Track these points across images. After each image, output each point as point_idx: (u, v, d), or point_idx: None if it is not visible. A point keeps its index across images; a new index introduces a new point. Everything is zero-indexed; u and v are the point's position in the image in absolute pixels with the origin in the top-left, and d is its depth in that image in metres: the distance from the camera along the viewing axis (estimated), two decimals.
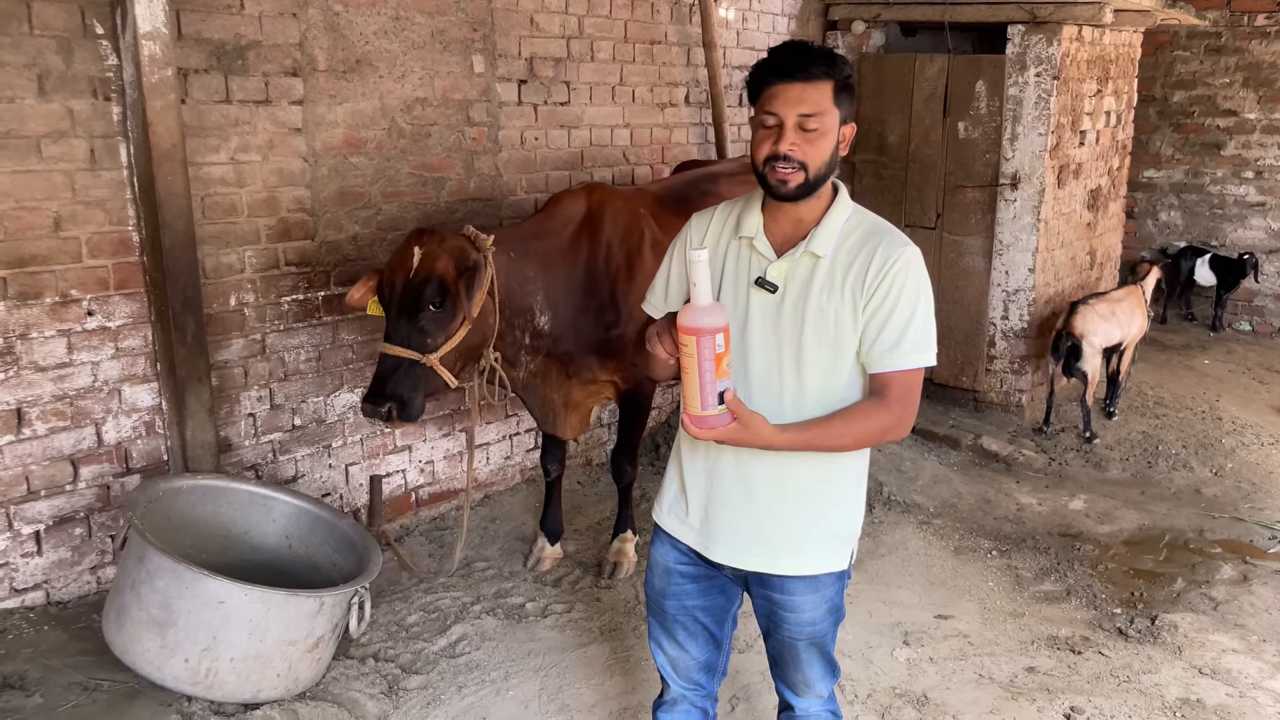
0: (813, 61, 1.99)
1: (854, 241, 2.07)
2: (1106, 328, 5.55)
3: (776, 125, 2.00)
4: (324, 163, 3.79)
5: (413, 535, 4.26)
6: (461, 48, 4.16)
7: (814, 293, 2.05)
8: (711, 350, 1.89)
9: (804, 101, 1.98)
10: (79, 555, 3.40)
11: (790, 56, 2.01)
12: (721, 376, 1.90)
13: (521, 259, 3.48)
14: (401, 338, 3.11)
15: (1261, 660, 3.50)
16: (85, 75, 3.17)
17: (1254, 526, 4.63)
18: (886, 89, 5.92)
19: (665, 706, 2.45)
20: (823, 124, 2.00)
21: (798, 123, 1.99)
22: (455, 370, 3.22)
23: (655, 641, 2.40)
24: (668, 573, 2.31)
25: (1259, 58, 7.74)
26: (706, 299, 1.91)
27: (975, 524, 4.62)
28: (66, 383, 3.29)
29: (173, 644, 2.79)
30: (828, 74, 1.99)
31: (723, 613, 2.35)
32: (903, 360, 2.04)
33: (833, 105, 2.01)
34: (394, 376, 3.10)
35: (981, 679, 3.37)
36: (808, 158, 2.00)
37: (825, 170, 2.04)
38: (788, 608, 2.21)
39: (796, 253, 2.08)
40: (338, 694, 3.10)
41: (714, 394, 1.91)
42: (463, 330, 3.16)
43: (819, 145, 2.01)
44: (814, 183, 2.03)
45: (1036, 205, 5.55)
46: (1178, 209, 8.24)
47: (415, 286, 3.10)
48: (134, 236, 3.35)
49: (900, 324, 2.03)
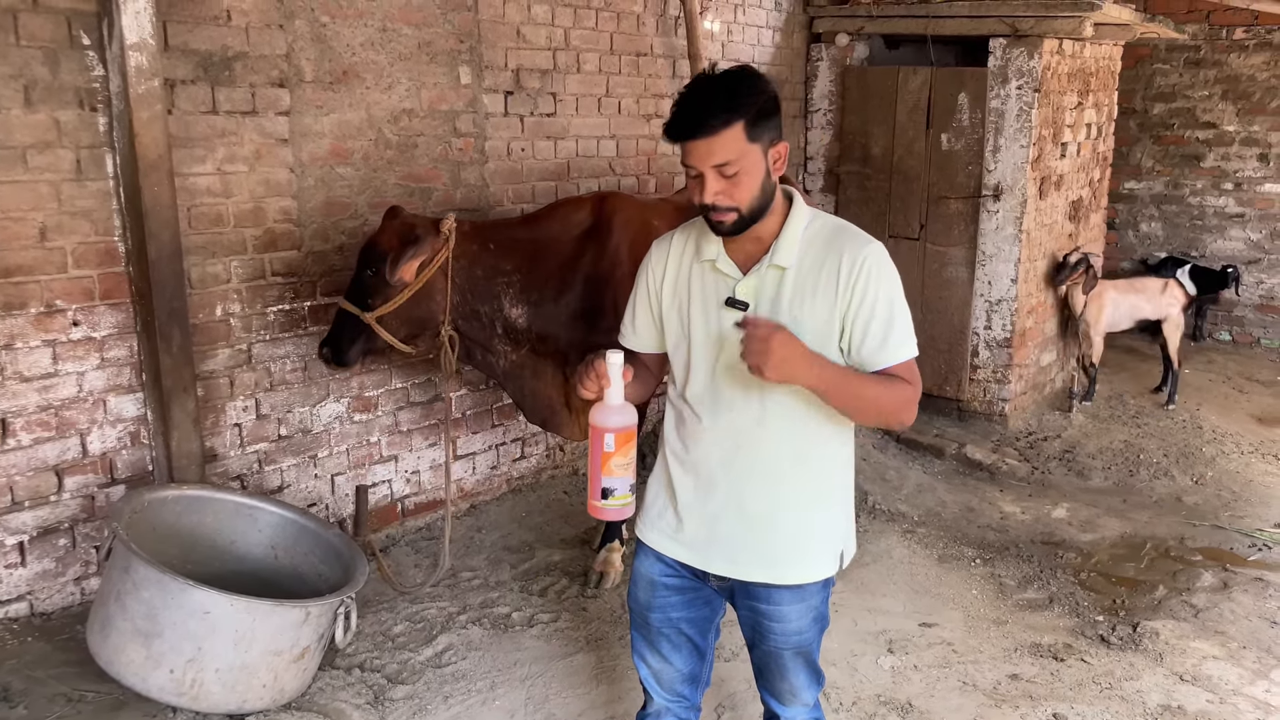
0: (712, 114, 1.93)
1: (818, 248, 2.07)
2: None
3: (698, 176, 1.99)
4: (311, 173, 3.80)
5: (399, 545, 4.25)
6: (448, 59, 4.18)
7: (785, 304, 2.06)
8: (600, 449, 2.00)
9: (714, 154, 1.95)
10: (63, 566, 3.39)
11: (689, 114, 1.95)
12: (608, 474, 2.01)
13: (500, 252, 3.63)
14: (351, 295, 3.51)
15: (1242, 667, 3.54)
16: (72, 86, 3.17)
17: (1234, 534, 4.68)
18: (870, 101, 5.97)
19: (649, 719, 2.45)
20: (742, 165, 1.96)
21: (717, 173, 1.97)
22: (400, 335, 3.53)
23: (638, 654, 2.39)
24: (652, 585, 2.31)
25: (1237, 71, 7.84)
26: (615, 400, 2.01)
27: (959, 532, 4.65)
28: (51, 393, 3.28)
29: (158, 655, 2.78)
30: (731, 118, 1.93)
31: (706, 623, 2.36)
32: (893, 355, 2.07)
33: (748, 144, 1.96)
34: (340, 327, 3.53)
35: (965, 686, 3.39)
36: (736, 200, 1.99)
37: (760, 202, 2.02)
38: (774, 618, 2.22)
39: (762, 268, 2.08)
40: (323, 704, 3.09)
41: (599, 488, 2.02)
42: (401, 298, 3.45)
43: (744, 185, 1.98)
44: (751, 218, 2.03)
45: (1019, 216, 5.61)
46: (1158, 220, 8.33)
47: (363, 252, 3.51)
48: (120, 247, 3.35)
49: (883, 323, 2.05)
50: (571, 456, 5.06)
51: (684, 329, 2.19)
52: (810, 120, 6.28)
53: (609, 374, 1.99)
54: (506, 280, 3.65)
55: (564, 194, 4.67)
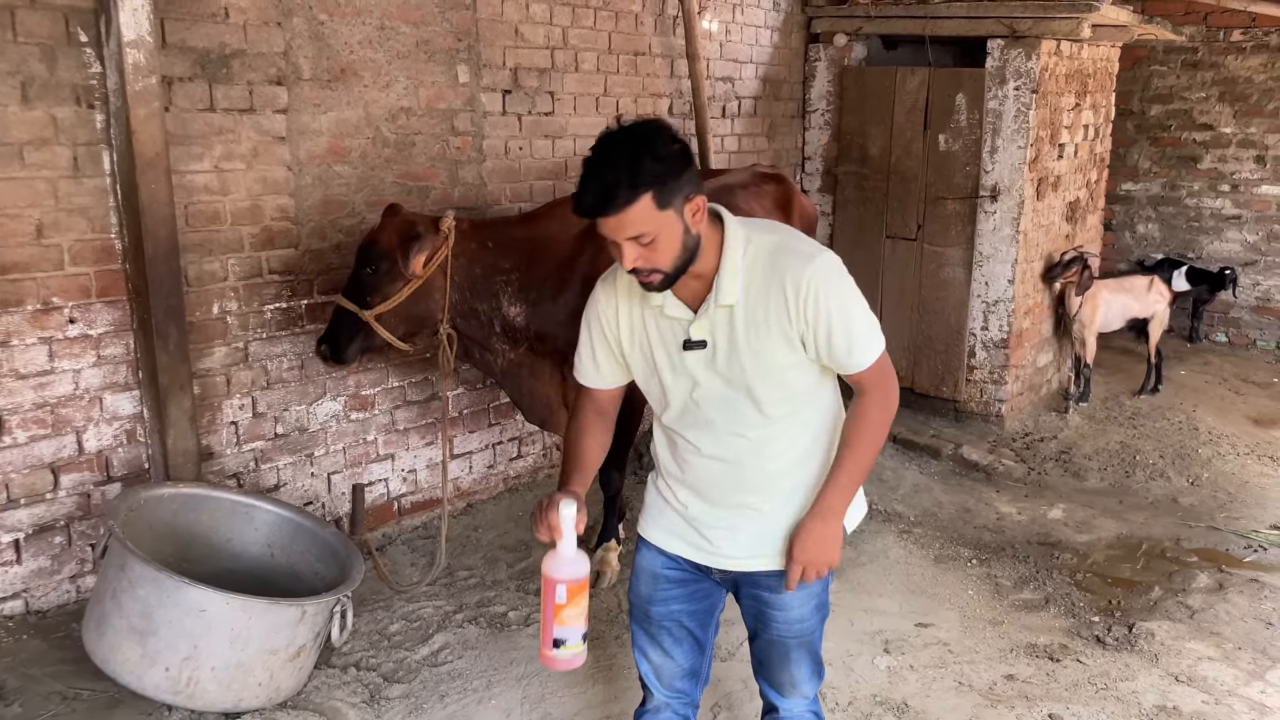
0: (617, 191, 1.87)
1: (760, 275, 2.04)
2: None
3: (615, 244, 1.96)
4: (308, 171, 3.79)
5: (395, 544, 4.25)
6: (446, 57, 4.18)
7: (741, 340, 2.06)
8: (552, 600, 1.99)
9: (624, 228, 1.91)
10: (59, 564, 3.38)
11: (594, 191, 1.89)
12: (560, 624, 2.00)
13: (499, 250, 3.64)
14: (349, 293, 3.50)
15: (1237, 668, 3.54)
16: (69, 83, 3.16)
17: (1230, 535, 4.68)
18: (868, 101, 5.97)
19: (648, 715, 2.45)
20: (655, 231, 1.92)
21: (633, 243, 1.94)
22: (398, 333, 3.53)
23: (639, 649, 2.40)
24: (654, 578, 2.32)
25: (1235, 72, 7.85)
26: (568, 550, 1.99)
27: (955, 533, 4.65)
28: (47, 390, 3.27)
29: (153, 653, 2.78)
30: (635, 193, 1.88)
31: (707, 616, 2.37)
32: (862, 360, 2.09)
33: (658, 212, 1.91)
34: (338, 324, 3.52)
35: (961, 687, 3.40)
36: (657, 263, 1.97)
37: (683, 258, 1.99)
38: (778, 606, 2.24)
39: (710, 308, 2.06)
40: (319, 703, 3.09)
41: (551, 638, 2.01)
42: (400, 295, 3.45)
43: (661, 249, 1.95)
44: (675, 274, 2.00)
45: (1016, 217, 5.61)
46: (1155, 221, 8.34)
47: (362, 250, 3.50)
48: (116, 244, 3.34)
49: (844, 332, 2.05)
50: None
51: (651, 368, 2.19)
52: (808, 120, 6.29)
53: (561, 526, 1.99)
54: (505, 279, 3.65)
55: (561, 193, 4.67)
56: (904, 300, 6.03)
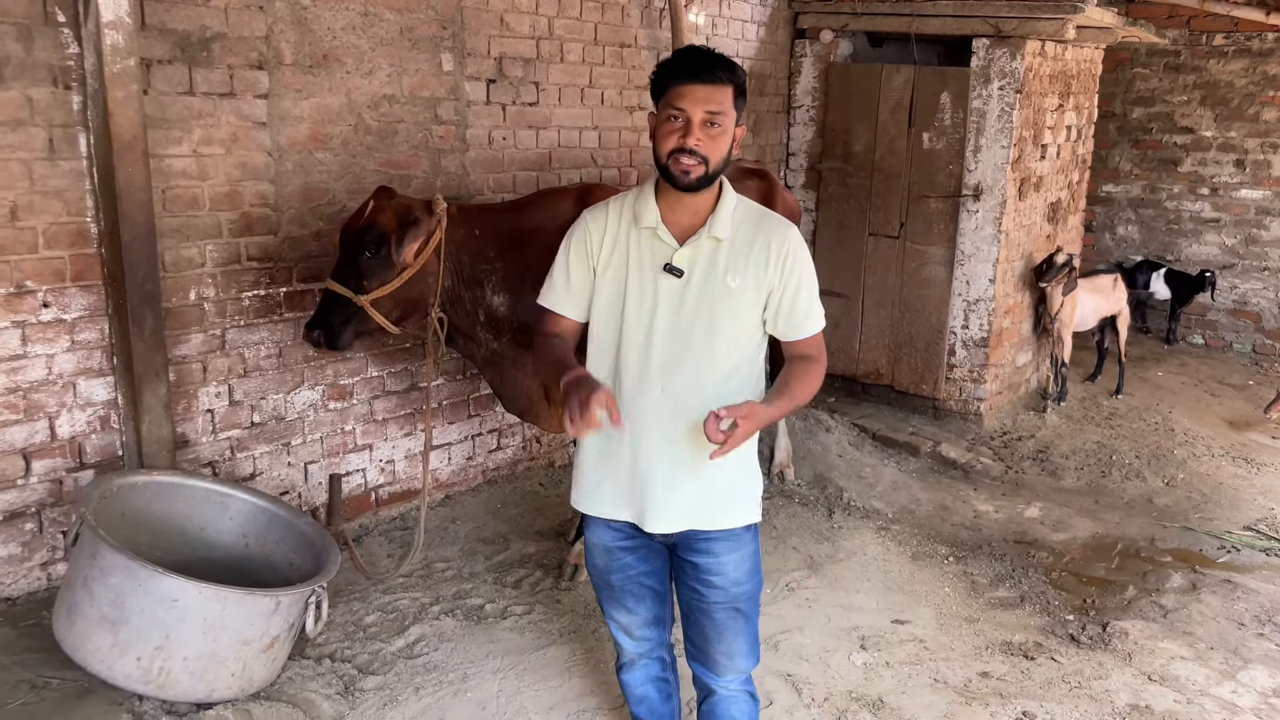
0: (717, 66, 2.18)
1: (748, 226, 2.31)
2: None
3: (683, 122, 2.17)
4: (288, 158, 3.75)
5: (372, 535, 4.23)
6: (430, 45, 4.15)
7: (720, 273, 2.27)
8: None
9: (710, 101, 2.17)
10: (29, 551, 3.34)
11: (698, 59, 2.19)
12: None
13: (485, 238, 3.62)
14: (341, 277, 3.41)
15: (1209, 667, 3.57)
16: (45, 63, 3.11)
17: (1204, 536, 4.73)
18: (853, 98, 5.98)
19: (626, 668, 2.63)
20: (724, 123, 2.20)
21: (703, 120, 2.17)
22: (391, 318, 3.47)
23: (608, 615, 2.57)
24: (607, 551, 2.48)
25: (1216, 76, 7.91)
26: None
27: (933, 530, 4.67)
28: (19, 375, 3.22)
29: (125, 642, 2.75)
30: (729, 79, 2.19)
31: (663, 571, 2.53)
32: (812, 328, 2.35)
33: (732, 107, 2.20)
34: (329, 310, 3.43)
35: (937, 683, 3.41)
36: (710, 152, 2.19)
37: (722, 165, 2.24)
38: (714, 570, 2.38)
39: (699, 239, 2.27)
40: (293, 694, 3.07)
41: None
42: (397, 280, 3.40)
43: (720, 142, 2.20)
44: (712, 176, 2.22)
45: (998, 217, 5.63)
46: (1135, 223, 8.40)
47: (357, 233, 3.40)
48: (92, 228, 3.30)
49: (806, 299, 2.32)
50: (548, 449, 5.05)
51: (619, 290, 2.32)
52: (793, 116, 6.28)
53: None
54: (489, 267, 3.63)
55: (545, 184, 4.65)
56: (885, 298, 6.04)
